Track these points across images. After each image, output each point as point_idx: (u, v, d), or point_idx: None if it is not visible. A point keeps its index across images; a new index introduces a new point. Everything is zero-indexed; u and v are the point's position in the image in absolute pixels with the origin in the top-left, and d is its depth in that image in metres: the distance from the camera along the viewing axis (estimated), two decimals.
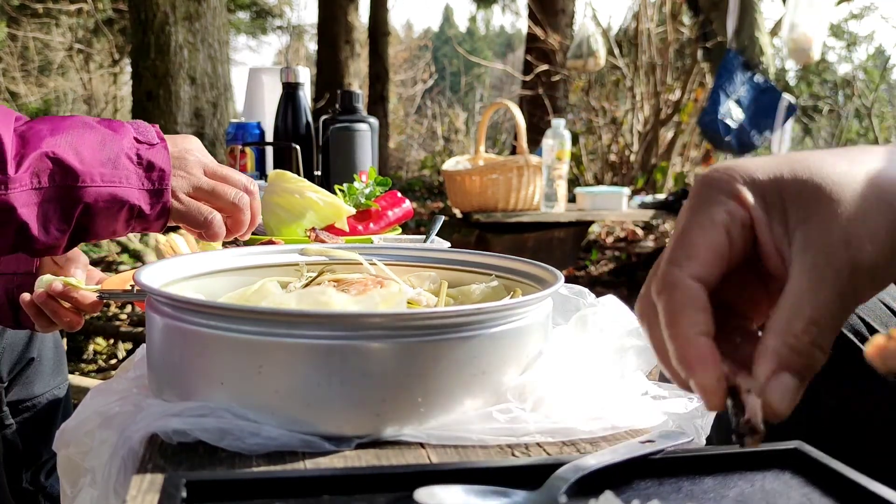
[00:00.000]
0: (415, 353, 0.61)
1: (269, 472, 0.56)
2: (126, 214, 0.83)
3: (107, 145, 0.82)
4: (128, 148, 0.83)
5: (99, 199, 0.81)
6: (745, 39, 5.11)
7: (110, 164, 0.81)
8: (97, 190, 0.80)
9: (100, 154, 0.81)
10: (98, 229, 0.83)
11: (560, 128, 3.54)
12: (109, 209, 0.82)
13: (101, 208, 0.81)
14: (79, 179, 0.79)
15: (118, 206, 0.82)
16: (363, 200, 1.43)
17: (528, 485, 0.51)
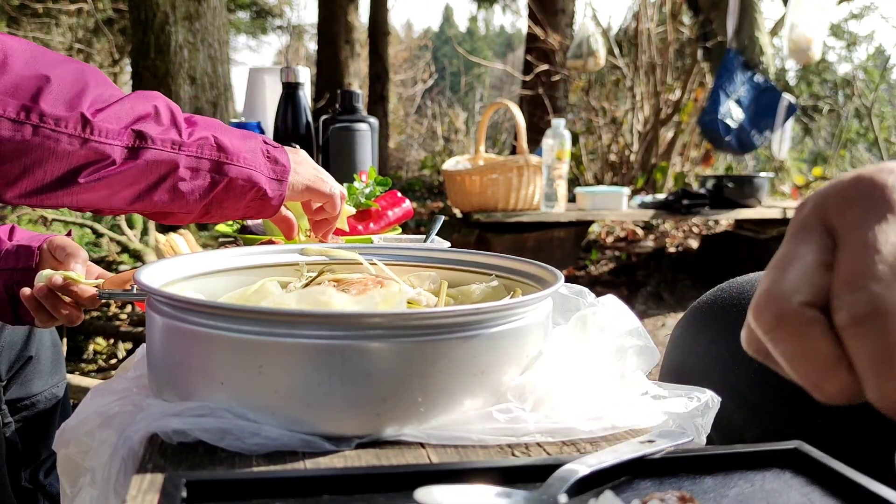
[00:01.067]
0: (415, 353, 0.61)
1: (269, 472, 0.56)
2: (253, 195, 1.00)
3: (248, 140, 1.00)
4: (261, 145, 1.01)
5: (239, 177, 0.98)
6: (745, 39, 5.11)
7: (251, 152, 0.99)
8: (239, 169, 0.97)
9: (244, 145, 0.99)
10: (225, 206, 1.00)
11: (560, 128, 3.54)
12: (243, 188, 0.99)
13: (237, 185, 0.98)
14: (230, 157, 0.97)
15: (250, 186, 0.99)
16: (363, 200, 1.43)
17: (528, 485, 0.51)
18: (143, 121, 0.91)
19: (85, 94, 0.86)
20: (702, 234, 5.56)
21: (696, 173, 6.41)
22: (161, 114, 0.93)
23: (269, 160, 1.01)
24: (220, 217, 1.03)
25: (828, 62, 10.81)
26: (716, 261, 4.88)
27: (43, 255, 1.12)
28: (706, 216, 4.21)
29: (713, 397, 0.70)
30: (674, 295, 4.69)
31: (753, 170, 8.12)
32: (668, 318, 4.30)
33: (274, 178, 1.01)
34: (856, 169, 0.42)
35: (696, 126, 5.91)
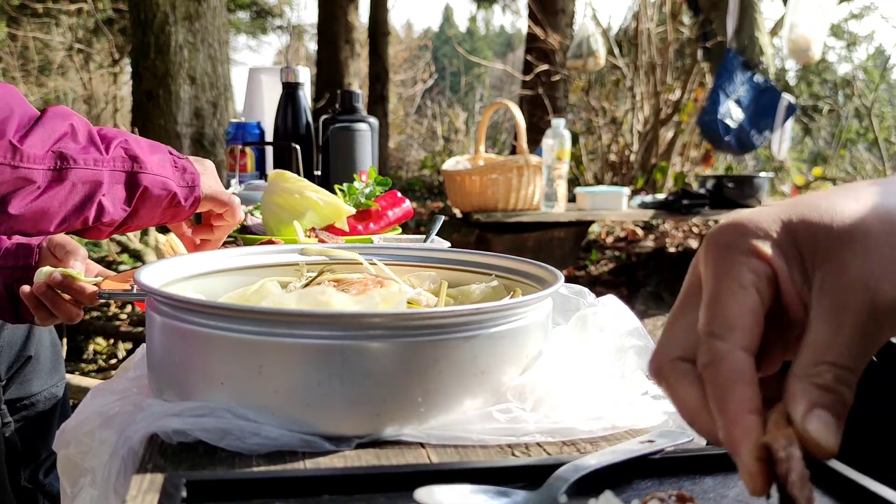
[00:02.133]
0: (415, 353, 0.61)
1: (269, 472, 0.56)
2: (168, 202, 1.02)
3: (156, 150, 1.02)
4: (168, 156, 1.04)
5: (154, 185, 1.00)
6: (745, 39, 5.11)
7: (160, 162, 1.01)
8: (153, 177, 0.99)
9: (153, 154, 1.01)
10: (144, 213, 1.02)
11: (560, 128, 3.54)
12: (159, 195, 1.01)
13: (153, 193, 1.00)
14: (143, 167, 0.99)
15: (165, 192, 1.01)
16: (363, 200, 1.43)
17: (528, 485, 0.51)
18: (63, 140, 0.92)
19: (10, 120, 0.87)
20: (702, 234, 5.56)
21: (696, 173, 6.40)
22: (78, 131, 0.94)
23: (178, 169, 1.04)
24: (135, 226, 1.05)
25: (828, 62, 10.81)
26: None
27: (42, 252, 1.12)
28: (706, 216, 4.21)
29: None
30: (674, 295, 4.65)
31: (753, 170, 8.12)
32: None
33: (185, 185, 1.04)
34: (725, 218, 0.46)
35: (696, 126, 5.91)
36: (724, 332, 0.41)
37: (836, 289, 0.41)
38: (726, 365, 0.41)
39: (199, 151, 5.49)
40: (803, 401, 0.40)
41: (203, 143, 5.50)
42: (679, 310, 0.46)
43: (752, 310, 0.42)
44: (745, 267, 0.43)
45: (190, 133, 5.44)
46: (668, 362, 0.44)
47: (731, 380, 0.41)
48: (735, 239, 0.43)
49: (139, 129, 5.09)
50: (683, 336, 0.44)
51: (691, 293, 0.46)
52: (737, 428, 0.40)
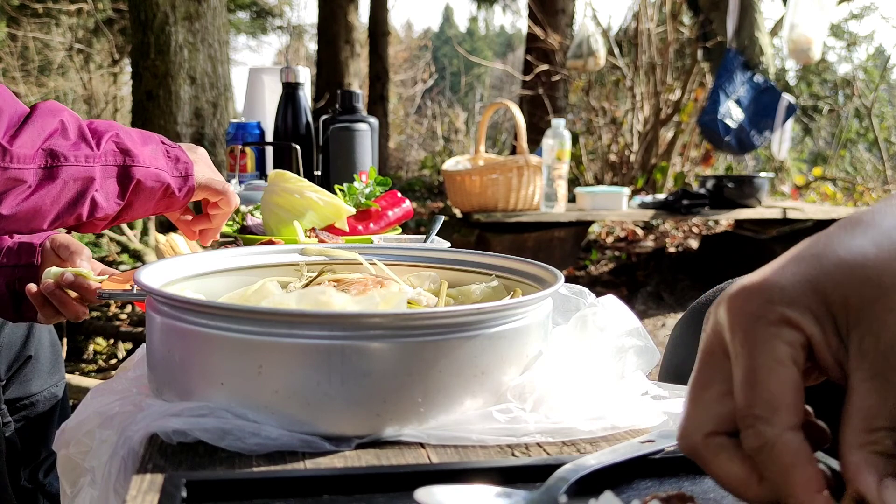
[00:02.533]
0: (415, 353, 0.61)
1: (269, 472, 0.56)
2: (161, 193, 1.02)
3: (148, 141, 1.02)
4: (161, 146, 1.03)
5: (147, 178, 0.99)
6: (745, 39, 5.11)
7: (153, 153, 1.01)
8: (146, 170, 0.99)
9: (145, 146, 1.00)
10: (138, 206, 1.01)
11: (560, 128, 3.54)
12: (152, 189, 1.00)
13: (146, 186, 0.99)
14: (135, 160, 0.98)
15: (159, 184, 1.00)
16: (363, 200, 1.43)
17: (528, 485, 0.51)
18: (53, 137, 0.91)
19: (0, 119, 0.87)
20: (702, 234, 5.56)
21: (696, 173, 6.40)
22: (68, 127, 0.93)
23: (171, 159, 1.03)
24: (129, 218, 1.05)
25: (828, 62, 10.81)
26: (716, 261, 4.88)
27: (45, 252, 1.12)
28: (706, 216, 4.21)
29: None
30: (674, 295, 4.69)
31: (753, 170, 8.11)
32: (668, 318, 4.30)
33: (178, 175, 1.03)
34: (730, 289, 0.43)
35: (696, 126, 5.91)
36: (770, 414, 0.40)
37: (875, 350, 0.40)
38: (779, 449, 0.40)
39: None
40: (872, 473, 0.40)
41: (203, 143, 5.49)
42: (702, 377, 0.44)
43: (794, 386, 0.41)
44: (780, 340, 0.41)
45: (190, 133, 5.44)
46: (702, 438, 0.43)
47: (790, 463, 0.40)
48: (763, 309, 0.41)
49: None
50: (714, 408, 0.43)
51: (714, 360, 0.44)
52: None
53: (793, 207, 4.36)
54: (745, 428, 0.41)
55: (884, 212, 0.45)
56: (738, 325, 0.42)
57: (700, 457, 0.43)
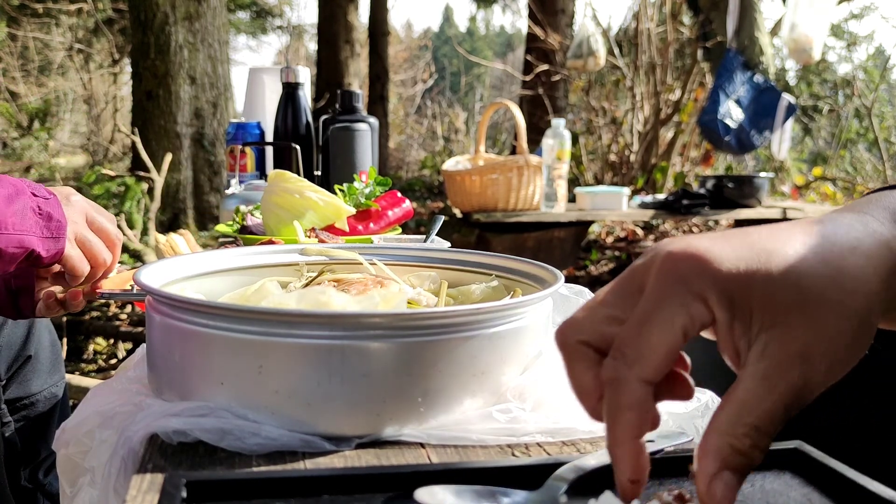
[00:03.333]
0: (415, 353, 0.61)
1: (269, 472, 0.56)
2: (24, 260, 0.92)
3: (15, 200, 0.92)
4: (30, 202, 0.93)
5: (9, 245, 0.90)
6: (745, 39, 5.11)
7: (20, 215, 0.91)
8: (8, 237, 0.90)
9: (11, 207, 0.91)
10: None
11: (560, 128, 3.54)
12: (13, 255, 0.91)
13: (7, 253, 0.90)
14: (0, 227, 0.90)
15: (22, 251, 0.91)
16: (363, 200, 1.43)
17: (528, 485, 0.51)
18: None
19: None
20: (702, 233, 5.55)
21: (696, 173, 6.40)
22: None
23: (42, 217, 0.93)
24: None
25: (828, 62, 10.81)
26: None
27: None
28: (706, 216, 4.21)
29: (713, 398, 0.70)
30: None
31: (753, 170, 8.11)
32: None
33: (48, 236, 0.93)
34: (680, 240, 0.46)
35: (696, 126, 5.91)
36: (636, 360, 0.43)
37: (777, 357, 0.42)
38: (623, 390, 0.43)
39: (200, 151, 5.49)
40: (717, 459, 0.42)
41: (203, 143, 5.50)
42: (608, 296, 0.47)
43: (670, 351, 0.43)
44: (686, 309, 0.43)
45: (190, 133, 5.45)
46: (574, 341, 0.46)
47: (625, 405, 0.43)
48: (691, 276, 0.43)
49: (139, 129, 5.09)
50: (600, 325, 0.46)
51: (628, 288, 0.46)
52: (620, 450, 0.43)
53: (793, 207, 4.36)
54: (611, 359, 0.44)
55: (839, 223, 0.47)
56: (663, 277, 0.44)
57: (565, 355, 0.47)
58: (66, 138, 10.96)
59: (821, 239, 0.45)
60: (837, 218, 0.48)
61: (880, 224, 0.48)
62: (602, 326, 0.46)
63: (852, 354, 0.44)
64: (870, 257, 0.45)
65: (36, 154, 9.01)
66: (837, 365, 0.43)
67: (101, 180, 4.22)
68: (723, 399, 0.43)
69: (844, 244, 0.45)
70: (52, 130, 9.62)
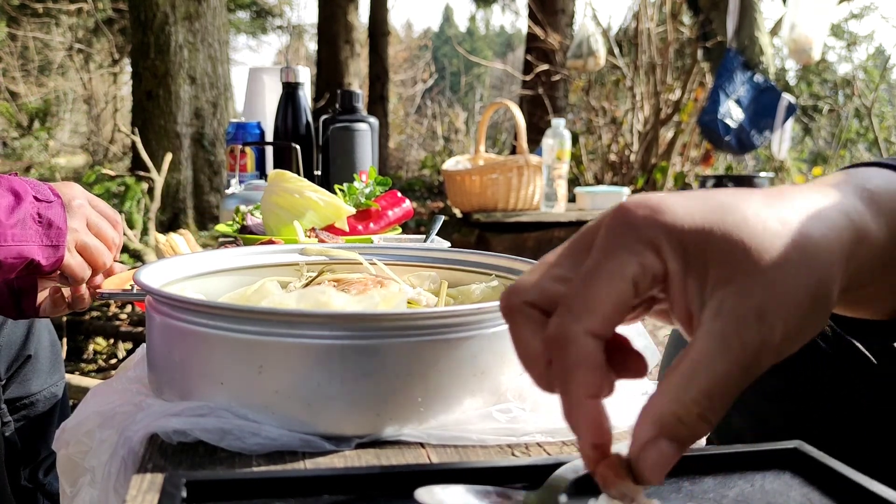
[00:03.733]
0: (415, 353, 0.61)
1: (269, 472, 0.56)
2: (23, 268, 0.92)
3: (16, 209, 0.91)
4: (31, 209, 0.92)
5: (8, 256, 0.90)
6: (745, 39, 5.11)
7: (20, 225, 0.90)
8: (7, 248, 0.90)
9: (12, 217, 0.90)
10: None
11: (560, 127, 3.54)
12: (13, 265, 0.91)
13: (7, 263, 0.90)
14: None
15: (21, 261, 0.91)
16: (363, 200, 1.43)
17: (528, 485, 0.51)
18: None
19: None
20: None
21: (696, 173, 6.40)
22: None
23: (42, 225, 0.93)
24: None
25: (828, 62, 10.81)
26: None
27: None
28: None
29: None
30: None
31: (753, 170, 8.11)
32: None
33: (48, 244, 0.93)
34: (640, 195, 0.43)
35: (696, 126, 5.91)
36: (583, 313, 0.40)
37: (733, 316, 0.39)
38: (573, 347, 0.40)
39: (200, 151, 5.49)
40: (656, 424, 0.40)
41: (203, 143, 5.50)
42: (557, 258, 0.44)
43: (619, 302, 0.40)
44: (636, 259, 0.40)
45: (190, 133, 5.45)
46: (520, 303, 0.43)
47: (576, 363, 0.40)
48: (642, 223, 0.41)
49: (139, 129, 5.09)
50: (548, 284, 0.43)
51: (578, 247, 0.44)
52: (577, 412, 0.41)
53: None
54: (555, 316, 0.41)
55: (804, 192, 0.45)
56: (613, 226, 0.42)
57: (510, 319, 0.44)
58: (66, 138, 10.96)
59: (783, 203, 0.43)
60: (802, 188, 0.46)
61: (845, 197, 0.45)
62: (549, 286, 0.43)
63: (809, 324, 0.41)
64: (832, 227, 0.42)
65: (36, 154, 9.01)
66: (794, 331, 0.40)
67: (101, 180, 4.22)
68: (674, 362, 0.40)
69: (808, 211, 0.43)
70: (52, 130, 9.62)
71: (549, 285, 0.43)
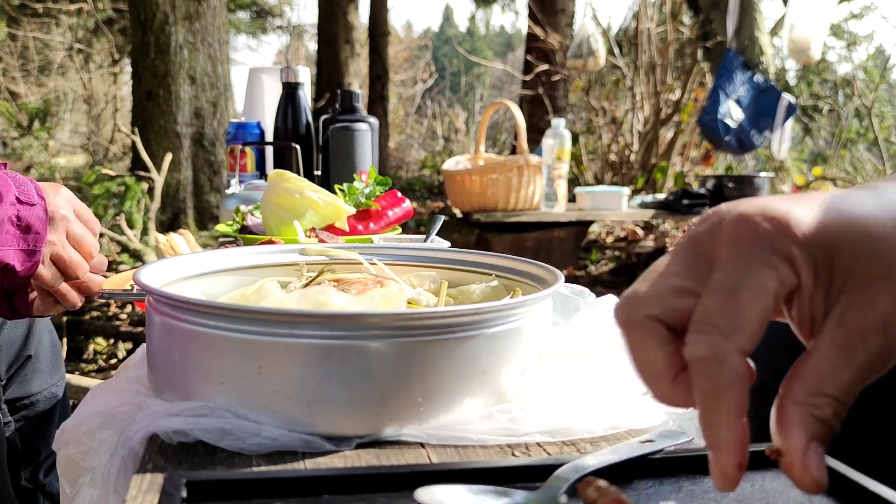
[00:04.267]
0: (415, 353, 0.61)
1: (269, 472, 0.56)
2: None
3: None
4: (10, 211, 0.87)
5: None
6: (745, 39, 5.11)
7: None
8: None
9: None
10: None
11: (560, 127, 3.54)
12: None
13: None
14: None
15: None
16: (363, 200, 1.43)
17: (528, 485, 0.51)
18: None
19: None
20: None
21: (696, 173, 6.40)
22: None
23: (20, 229, 0.88)
24: None
25: (828, 62, 10.81)
26: None
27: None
28: None
29: None
30: None
31: (753, 170, 8.11)
32: None
33: (24, 248, 0.88)
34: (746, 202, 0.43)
35: (696, 126, 5.91)
36: (732, 331, 0.40)
37: (857, 324, 0.40)
38: (726, 366, 0.40)
39: (200, 151, 5.49)
40: (803, 433, 0.40)
41: (203, 143, 5.50)
42: (671, 267, 0.44)
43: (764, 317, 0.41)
44: (776, 273, 0.41)
45: (190, 133, 5.45)
46: (642, 317, 0.43)
47: (728, 383, 0.40)
48: (776, 238, 0.41)
49: (139, 129, 5.09)
50: (669, 298, 0.42)
51: (694, 257, 0.43)
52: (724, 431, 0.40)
53: None
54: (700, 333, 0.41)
55: None
56: (743, 240, 0.42)
57: (629, 332, 0.43)
58: (66, 138, 10.96)
59: (887, 201, 0.43)
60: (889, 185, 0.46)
61: None
62: (672, 299, 0.42)
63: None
64: None
65: (36, 154, 9.01)
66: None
67: (101, 180, 4.22)
68: (794, 368, 0.41)
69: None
70: (52, 130, 9.62)
71: (673, 299, 0.43)
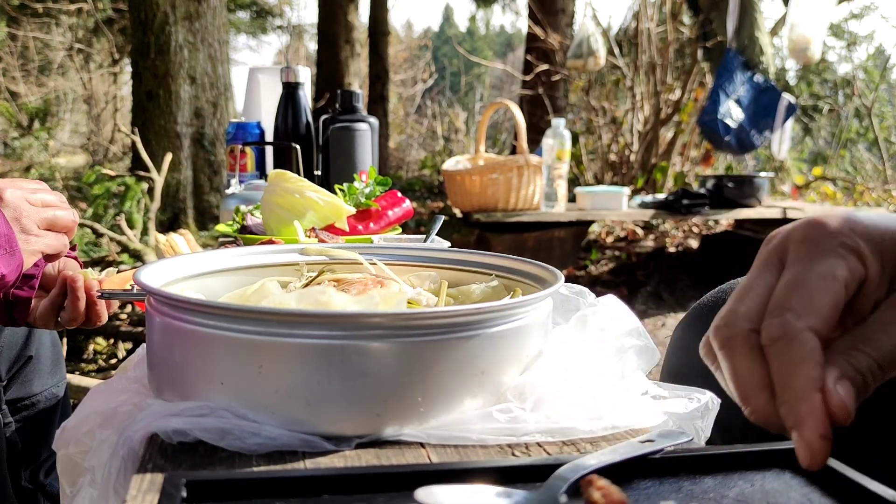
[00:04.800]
0: (415, 353, 0.61)
1: (269, 472, 0.56)
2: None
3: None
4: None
5: None
6: (745, 39, 5.11)
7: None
8: None
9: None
10: None
11: (560, 127, 3.54)
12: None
13: None
14: None
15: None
16: (363, 200, 1.43)
17: (528, 485, 0.51)
18: None
19: None
20: (702, 234, 5.55)
21: (696, 173, 6.40)
22: None
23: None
24: None
25: (828, 62, 10.80)
26: (716, 261, 4.88)
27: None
28: (706, 216, 4.21)
29: (713, 399, 0.70)
30: (674, 295, 4.69)
31: (753, 170, 8.11)
32: (668, 318, 4.30)
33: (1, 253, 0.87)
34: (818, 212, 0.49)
35: (696, 126, 5.91)
36: (803, 310, 0.42)
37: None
38: (798, 342, 0.42)
39: (200, 151, 5.49)
40: (836, 370, 0.43)
41: (203, 142, 5.50)
42: (753, 282, 0.46)
43: (836, 303, 0.43)
44: (845, 262, 0.44)
45: (190, 133, 5.45)
46: (742, 332, 0.45)
47: (802, 358, 0.42)
48: (842, 232, 0.44)
49: (139, 129, 5.09)
50: (756, 306, 0.45)
51: (767, 268, 0.46)
52: (805, 406, 0.42)
53: (793, 207, 4.36)
54: (773, 317, 0.43)
55: None
56: (811, 237, 0.45)
57: (731, 349, 0.45)
58: (66, 138, 10.96)
59: None
60: None
61: None
62: (759, 307, 0.45)
63: None
64: None
65: (36, 154, 9.01)
66: None
67: (101, 180, 4.22)
68: (853, 330, 0.44)
69: None
70: (52, 130, 9.62)
71: (759, 305, 0.45)
